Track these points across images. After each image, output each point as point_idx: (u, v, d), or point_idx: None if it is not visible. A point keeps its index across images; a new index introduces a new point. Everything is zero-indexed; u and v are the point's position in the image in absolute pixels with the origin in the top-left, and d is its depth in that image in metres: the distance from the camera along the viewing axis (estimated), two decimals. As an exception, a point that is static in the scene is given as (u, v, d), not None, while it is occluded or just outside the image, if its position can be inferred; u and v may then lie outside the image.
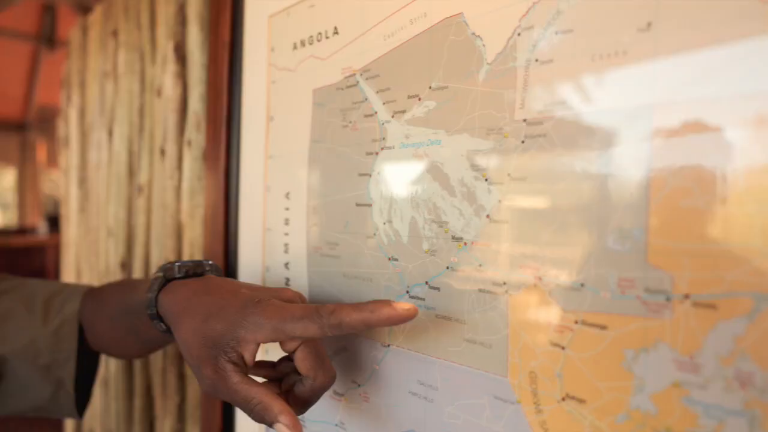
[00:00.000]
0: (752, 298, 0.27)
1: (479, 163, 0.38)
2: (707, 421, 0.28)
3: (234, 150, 0.64)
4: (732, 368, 0.27)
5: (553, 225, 0.34)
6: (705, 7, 0.28)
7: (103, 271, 1.11)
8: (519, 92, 0.36)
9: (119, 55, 1.09)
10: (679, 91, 0.29)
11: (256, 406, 0.39)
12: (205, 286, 0.45)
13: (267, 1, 0.60)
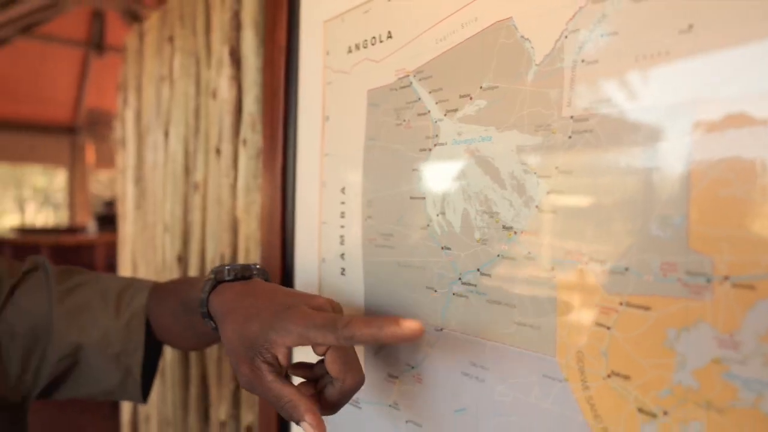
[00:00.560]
0: (788, 279, 0.29)
1: (528, 158, 0.41)
2: (747, 394, 0.31)
3: (290, 148, 0.68)
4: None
5: (599, 214, 0.37)
6: (742, 8, 0.31)
7: (160, 265, 1.18)
8: (566, 91, 0.39)
9: (175, 59, 1.15)
10: (718, 88, 0.32)
11: (286, 404, 0.43)
12: (249, 290, 0.50)
13: (322, 7, 0.64)
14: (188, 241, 1.07)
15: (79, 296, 0.68)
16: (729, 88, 0.31)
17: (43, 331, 0.70)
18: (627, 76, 0.36)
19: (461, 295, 0.47)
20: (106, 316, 0.67)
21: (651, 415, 0.35)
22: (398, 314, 0.53)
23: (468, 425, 0.47)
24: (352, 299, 0.58)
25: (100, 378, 0.68)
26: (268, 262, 0.70)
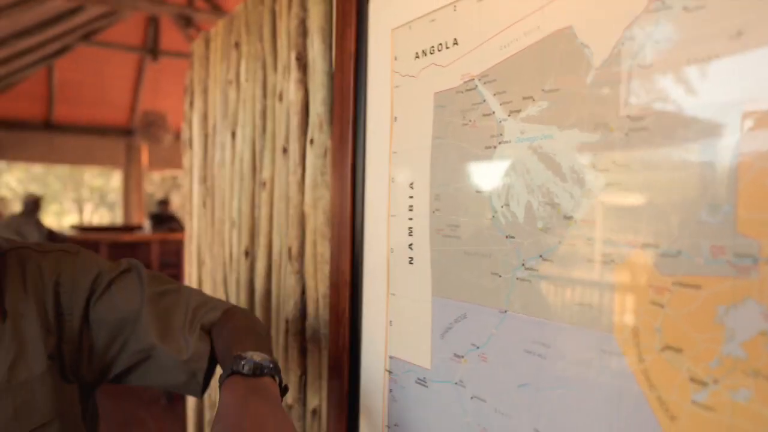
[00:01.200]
0: (827, 258, 0.33)
1: (588, 154, 0.46)
2: (789, 363, 0.35)
3: (359, 147, 0.74)
4: (810, 317, 0.34)
5: (653, 204, 0.42)
6: (786, 20, 0.35)
7: (227, 259, 1.27)
8: (623, 93, 0.44)
9: (241, 64, 1.24)
10: (765, 88, 0.36)
11: None
12: (248, 400, 0.59)
13: (389, 16, 0.70)
14: (255, 236, 1.15)
15: (166, 302, 0.82)
16: (773, 89, 0.36)
17: (129, 324, 0.81)
18: (679, 77, 0.40)
19: (524, 279, 0.52)
20: (183, 325, 0.80)
21: (702, 384, 0.39)
22: (465, 299, 0.58)
23: (530, 399, 0.52)
24: (420, 286, 0.64)
25: (168, 376, 0.81)
26: (338, 254, 0.77)
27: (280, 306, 1.04)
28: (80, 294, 0.82)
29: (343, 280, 0.76)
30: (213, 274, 1.37)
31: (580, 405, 0.47)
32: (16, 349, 0.78)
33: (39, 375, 0.79)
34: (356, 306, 0.75)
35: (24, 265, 0.81)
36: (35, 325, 0.79)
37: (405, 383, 0.68)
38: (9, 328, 0.77)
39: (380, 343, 0.72)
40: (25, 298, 0.79)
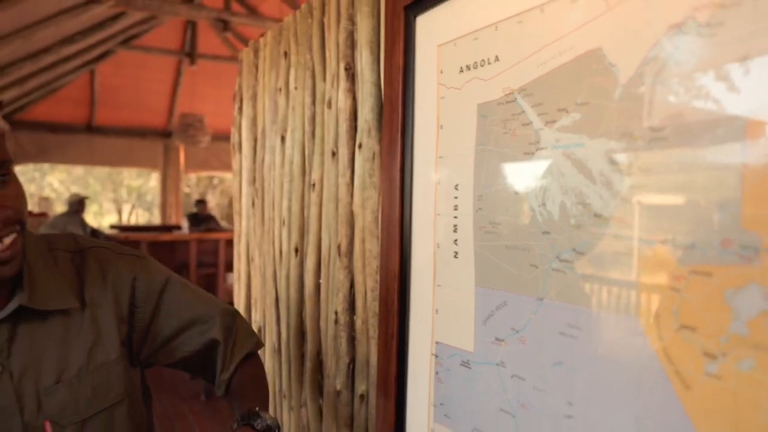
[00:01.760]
0: (816, 248, 0.40)
1: (615, 159, 0.54)
2: (785, 337, 0.42)
3: (407, 152, 0.83)
4: (802, 298, 0.41)
5: (671, 203, 0.49)
6: (783, 48, 0.42)
7: (277, 255, 1.37)
8: (646, 107, 0.51)
9: (290, 72, 1.33)
10: (764, 103, 0.43)
11: None
12: None
13: (435, 34, 0.79)
14: (305, 234, 1.25)
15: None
16: (772, 106, 0.43)
17: (202, 322, 0.95)
18: (693, 94, 0.48)
19: (559, 270, 0.60)
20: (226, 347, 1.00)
21: (713, 357, 0.46)
22: (505, 288, 0.66)
23: (564, 376, 0.59)
24: (464, 277, 0.72)
25: (213, 374, 0.99)
26: (388, 250, 0.85)
27: (329, 299, 1.13)
28: (154, 289, 0.94)
29: (393, 274, 0.84)
30: (262, 270, 1.47)
31: (608, 380, 0.55)
32: (94, 335, 0.89)
33: (113, 359, 0.90)
34: (404, 297, 0.84)
35: (102, 263, 0.93)
36: (110, 315, 0.90)
37: (450, 366, 0.76)
38: (87, 316, 0.88)
39: (427, 330, 0.80)
40: (104, 291, 0.90)
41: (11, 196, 0.77)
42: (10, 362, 0.81)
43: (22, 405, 0.81)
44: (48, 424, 0.82)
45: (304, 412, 1.26)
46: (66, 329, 0.86)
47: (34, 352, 0.83)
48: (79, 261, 0.91)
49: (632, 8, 0.53)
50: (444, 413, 0.77)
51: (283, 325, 1.34)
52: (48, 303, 0.84)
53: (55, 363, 0.84)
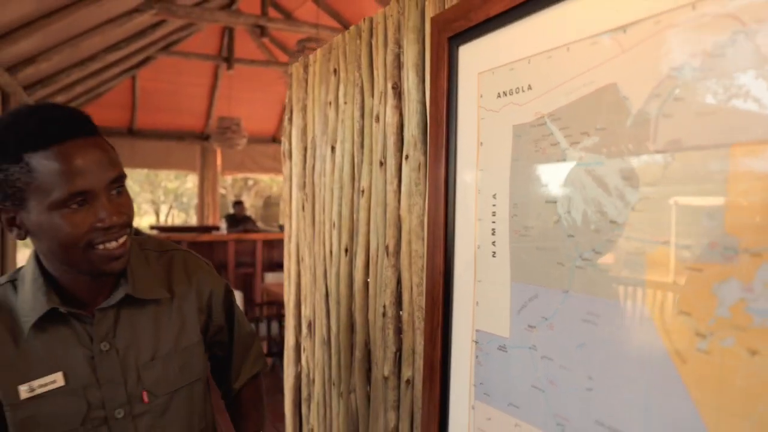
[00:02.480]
0: (779, 249, 0.53)
1: (627, 175, 0.66)
2: (758, 319, 0.54)
3: (451, 165, 0.96)
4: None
5: (672, 211, 0.61)
6: (755, 92, 0.54)
7: (328, 255, 1.52)
8: (652, 133, 0.64)
9: (340, 88, 1.48)
10: (747, 132, 0.55)
11: None
12: None
13: (476, 63, 0.92)
14: (354, 236, 1.39)
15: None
16: (754, 132, 0.55)
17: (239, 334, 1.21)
18: (689, 124, 0.60)
19: (581, 267, 0.72)
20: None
21: (703, 336, 0.59)
22: (536, 283, 0.79)
23: (585, 355, 0.72)
24: (501, 273, 0.85)
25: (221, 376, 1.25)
26: (433, 250, 0.99)
27: (377, 294, 1.27)
28: (221, 290, 1.13)
29: (438, 271, 0.98)
30: (313, 269, 1.62)
31: (621, 357, 0.67)
32: (180, 322, 1.06)
33: (195, 343, 1.07)
34: (448, 291, 0.97)
35: (187, 264, 1.11)
36: (193, 308, 1.08)
37: (488, 350, 0.89)
38: (175, 306, 1.06)
39: (468, 319, 0.93)
40: (188, 288, 1.08)
41: (125, 204, 0.94)
42: (116, 341, 0.98)
43: (126, 377, 0.98)
44: (145, 393, 0.99)
45: (352, 397, 1.40)
46: (158, 316, 1.03)
47: (134, 334, 1.00)
48: (166, 260, 1.08)
49: (641, 52, 0.66)
50: (483, 392, 0.90)
51: (333, 318, 1.48)
52: (145, 293, 1.01)
53: (151, 343, 1.01)
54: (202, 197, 8.76)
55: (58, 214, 0.87)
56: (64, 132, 0.88)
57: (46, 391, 0.93)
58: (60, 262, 0.93)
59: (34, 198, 0.87)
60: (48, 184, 0.86)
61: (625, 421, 0.67)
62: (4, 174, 0.87)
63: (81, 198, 0.88)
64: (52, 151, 0.86)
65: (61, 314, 0.95)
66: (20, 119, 0.89)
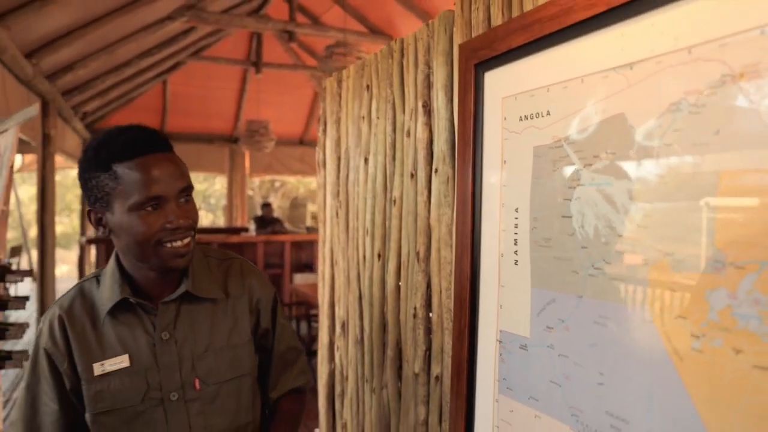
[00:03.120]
0: (759, 263, 0.62)
1: (633, 195, 0.76)
2: (742, 322, 0.64)
3: (477, 179, 1.07)
4: (751, 297, 0.63)
5: (671, 228, 0.71)
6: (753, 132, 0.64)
7: (361, 260, 1.63)
8: (654, 159, 0.73)
9: (372, 103, 1.59)
10: (730, 162, 0.65)
11: None
12: None
13: (500, 88, 1.02)
14: (386, 242, 1.50)
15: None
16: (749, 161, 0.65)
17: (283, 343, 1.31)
18: (685, 153, 0.70)
19: (593, 275, 0.82)
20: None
21: (697, 337, 0.68)
22: (554, 288, 0.89)
23: (597, 353, 0.82)
24: (523, 280, 0.96)
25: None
26: (461, 257, 1.09)
27: (408, 297, 1.38)
28: (269, 297, 1.25)
29: (465, 276, 1.08)
30: (347, 272, 1.74)
31: (628, 355, 0.77)
32: (232, 322, 1.19)
33: (245, 342, 1.20)
34: (474, 295, 1.08)
35: (243, 271, 1.25)
36: (245, 311, 1.21)
37: (511, 349, 0.99)
38: (229, 307, 1.19)
39: (493, 321, 1.04)
40: (242, 292, 1.21)
41: (191, 211, 1.09)
42: (175, 332, 1.12)
43: (181, 365, 1.12)
44: (197, 381, 1.13)
45: (384, 393, 1.51)
46: (214, 314, 1.16)
47: (191, 328, 1.14)
48: (226, 267, 1.22)
49: (645, 88, 0.76)
50: (506, 386, 1.01)
51: (366, 319, 1.60)
52: (204, 292, 1.14)
53: (205, 337, 1.14)
54: (231, 199, 8.97)
55: (135, 215, 1.04)
56: (145, 147, 1.06)
57: (114, 370, 1.09)
58: (134, 258, 1.10)
59: (118, 201, 1.05)
60: (130, 190, 1.04)
61: (631, 411, 0.77)
62: (96, 180, 1.06)
63: (155, 202, 1.05)
64: (135, 163, 1.04)
65: (131, 304, 1.12)
66: (111, 137, 1.08)
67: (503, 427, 1.02)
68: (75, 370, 1.10)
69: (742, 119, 0.65)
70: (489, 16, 1.11)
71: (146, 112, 8.55)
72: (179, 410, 1.11)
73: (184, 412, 1.12)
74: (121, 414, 1.09)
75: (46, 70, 5.15)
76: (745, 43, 0.65)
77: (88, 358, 1.10)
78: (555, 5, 0.89)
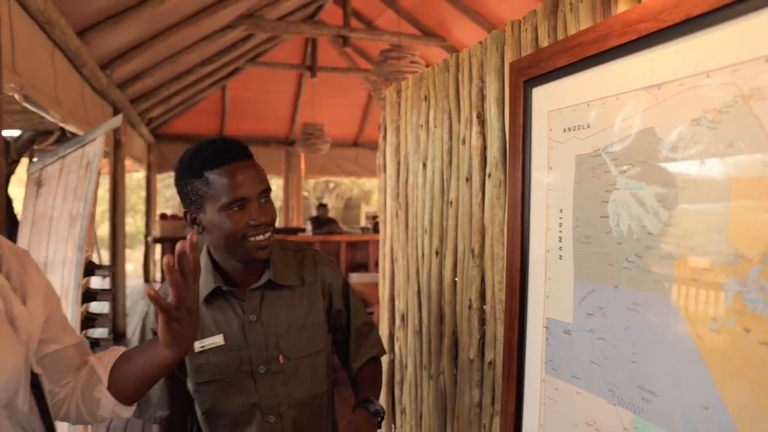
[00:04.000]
0: (764, 255, 0.75)
1: (660, 199, 0.89)
2: (750, 306, 0.77)
3: (527, 184, 1.21)
4: (758, 284, 0.75)
5: (694, 226, 0.84)
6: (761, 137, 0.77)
7: (420, 257, 1.79)
8: (678, 167, 0.86)
9: (430, 113, 1.75)
10: (741, 168, 0.77)
11: None
12: (365, 423, 1.29)
13: (546, 103, 1.16)
14: (443, 240, 1.66)
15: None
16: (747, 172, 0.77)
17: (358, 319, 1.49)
18: (703, 162, 0.83)
19: (627, 268, 0.96)
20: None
21: (714, 319, 0.81)
22: (593, 280, 1.02)
23: (630, 335, 0.95)
24: (566, 272, 1.10)
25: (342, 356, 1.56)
26: (512, 253, 1.24)
27: (464, 290, 1.53)
28: (339, 282, 1.42)
29: (515, 270, 1.23)
30: (406, 268, 1.90)
31: (656, 336, 0.90)
32: (308, 305, 1.37)
33: (320, 322, 1.38)
34: (524, 287, 1.22)
35: (316, 259, 1.42)
36: (318, 293, 1.38)
37: (556, 334, 1.13)
38: (305, 292, 1.37)
39: (540, 309, 1.18)
40: (315, 278, 1.39)
41: (270, 209, 1.29)
42: (261, 315, 1.32)
43: (267, 342, 1.31)
44: (281, 356, 1.31)
45: (441, 378, 1.67)
46: (292, 299, 1.35)
47: (274, 311, 1.33)
48: (300, 257, 1.40)
49: (671, 105, 0.89)
50: (552, 367, 1.15)
51: (425, 311, 1.76)
52: (283, 280, 1.33)
53: (286, 319, 1.33)
54: (287, 200, 9.29)
55: (224, 214, 1.24)
56: (231, 156, 1.26)
57: (211, 347, 1.30)
58: (224, 251, 1.30)
59: (209, 203, 1.25)
60: (219, 193, 1.24)
61: (659, 385, 0.90)
62: (191, 186, 1.27)
63: (240, 203, 1.25)
64: (223, 170, 1.24)
65: (223, 291, 1.32)
66: (202, 148, 1.28)
67: (549, 403, 1.16)
68: None
69: (750, 134, 0.77)
70: (536, 37, 1.25)
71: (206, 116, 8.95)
72: (266, 381, 1.31)
73: (270, 382, 1.31)
74: (218, 384, 1.30)
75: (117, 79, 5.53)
76: (753, 69, 0.77)
77: None
78: (594, 31, 1.02)
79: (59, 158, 3.00)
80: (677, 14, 0.87)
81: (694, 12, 0.85)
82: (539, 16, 1.24)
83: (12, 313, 0.94)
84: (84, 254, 2.66)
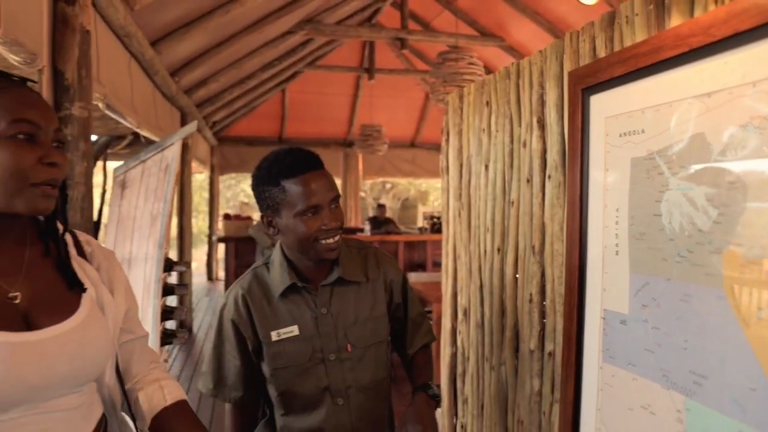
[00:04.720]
0: (803, 249, 0.83)
1: (710, 198, 0.98)
2: (792, 295, 0.85)
3: (585, 185, 1.31)
4: (798, 275, 0.84)
5: (740, 223, 0.93)
6: (789, 146, 0.85)
7: (482, 254, 1.90)
8: (726, 169, 0.95)
9: (491, 118, 1.86)
10: (781, 175, 0.86)
11: None
12: (426, 407, 1.44)
13: (604, 109, 1.26)
14: (505, 238, 1.77)
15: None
16: (784, 176, 0.86)
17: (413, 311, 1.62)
18: (753, 163, 0.91)
19: (679, 262, 1.05)
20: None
21: (760, 308, 0.90)
22: (647, 273, 1.12)
23: (682, 324, 1.05)
24: (622, 267, 1.19)
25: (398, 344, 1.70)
26: (571, 250, 1.34)
27: (525, 285, 1.64)
28: (399, 278, 1.56)
29: (574, 265, 1.33)
30: (468, 265, 2.02)
31: (706, 325, 0.99)
32: (372, 299, 1.51)
33: (382, 315, 1.52)
34: (582, 281, 1.32)
35: (378, 257, 1.57)
36: (381, 288, 1.53)
37: (613, 324, 1.23)
38: (369, 288, 1.51)
39: (597, 301, 1.28)
40: (378, 275, 1.54)
41: (340, 215, 1.43)
42: (331, 308, 1.47)
43: (336, 333, 1.46)
44: (349, 345, 1.46)
45: (503, 369, 1.78)
46: (358, 293, 1.49)
47: (342, 304, 1.48)
48: (363, 255, 1.55)
49: (719, 113, 0.98)
50: (609, 355, 1.24)
51: (486, 306, 1.87)
52: (351, 276, 1.48)
53: (353, 311, 1.48)
54: (345, 200, 9.52)
55: (299, 219, 1.39)
56: (305, 167, 1.41)
57: (287, 337, 1.45)
58: (297, 252, 1.45)
59: (285, 209, 1.40)
60: (294, 200, 1.39)
61: (709, 369, 0.99)
62: (268, 193, 1.42)
63: (313, 209, 1.39)
64: (298, 179, 1.39)
65: (297, 287, 1.47)
66: (279, 158, 1.43)
67: (606, 389, 1.25)
68: (257, 335, 1.49)
69: (792, 139, 0.86)
70: (594, 47, 1.35)
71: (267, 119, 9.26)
72: (336, 367, 1.46)
73: (339, 368, 1.46)
74: (293, 369, 1.45)
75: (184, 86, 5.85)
76: (795, 81, 0.86)
77: (267, 327, 1.48)
78: (648, 44, 1.12)
79: (141, 162, 3.26)
80: (726, 29, 0.96)
81: (742, 27, 0.94)
82: (597, 28, 1.34)
83: (102, 301, 1.11)
84: (163, 251, 2.90)
